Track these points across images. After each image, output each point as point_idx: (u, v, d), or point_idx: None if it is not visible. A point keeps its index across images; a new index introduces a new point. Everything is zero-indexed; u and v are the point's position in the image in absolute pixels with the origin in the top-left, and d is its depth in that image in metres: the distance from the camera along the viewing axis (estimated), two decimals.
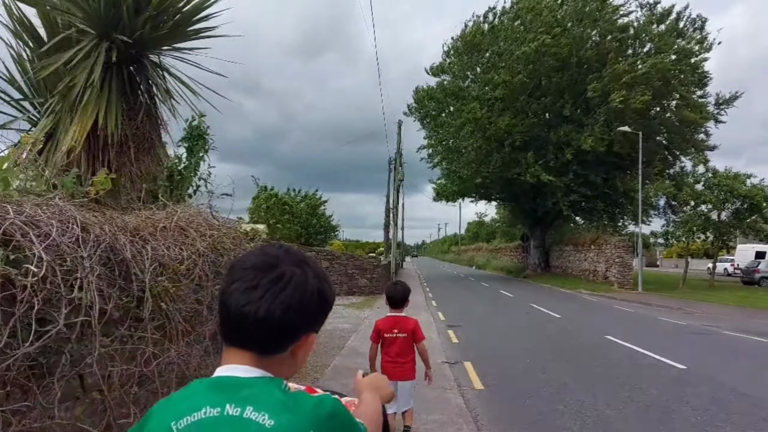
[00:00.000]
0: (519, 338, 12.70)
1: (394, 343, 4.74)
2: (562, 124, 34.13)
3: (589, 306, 21.55)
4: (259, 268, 1.09)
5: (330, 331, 12.96)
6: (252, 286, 1.07)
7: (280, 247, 1.17)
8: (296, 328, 1.10)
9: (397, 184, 32.54)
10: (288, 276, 1.08)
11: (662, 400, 7.45)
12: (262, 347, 1.09)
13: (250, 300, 1.05)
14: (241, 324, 1.06)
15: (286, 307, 1.06)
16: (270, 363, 1.09)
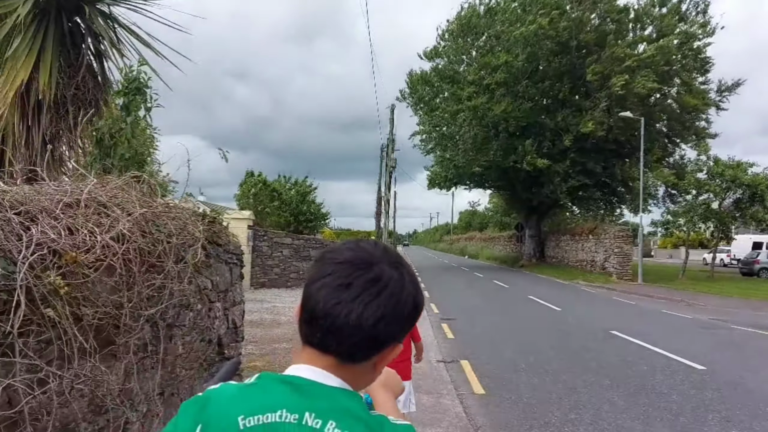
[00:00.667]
0: (518, 333, 11.81)
1: None
2: (560, 108, 33.17)
3: (589, 298, 20.73)
4: (355, 265, 0.96)
5: None
6: (345, 283, 0.94)
7: (376, 245, 1.02)
8: (386, 339, 0.97)
9: (389, 171, 31.53)
10: (386, 278, 0.96)
11: (688, 408, 6.56)
12: (345, 354, 0.95)
13: (342, 300, 0.93)
14: (326, 324, 0.93)
15: (381, 314, 0.93)
16: (350, 372, 0.97)
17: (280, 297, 17.48)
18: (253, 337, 10.37)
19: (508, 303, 17.81)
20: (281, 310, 14.32)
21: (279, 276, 20.38)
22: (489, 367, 8.45)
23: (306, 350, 0.99)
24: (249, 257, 19.20)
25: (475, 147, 35.00)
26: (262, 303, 15.65)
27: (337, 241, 24.81)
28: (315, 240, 21.78)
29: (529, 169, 32.87)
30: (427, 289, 21.86)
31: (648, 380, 7.83)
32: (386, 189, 31.88)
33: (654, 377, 8.04)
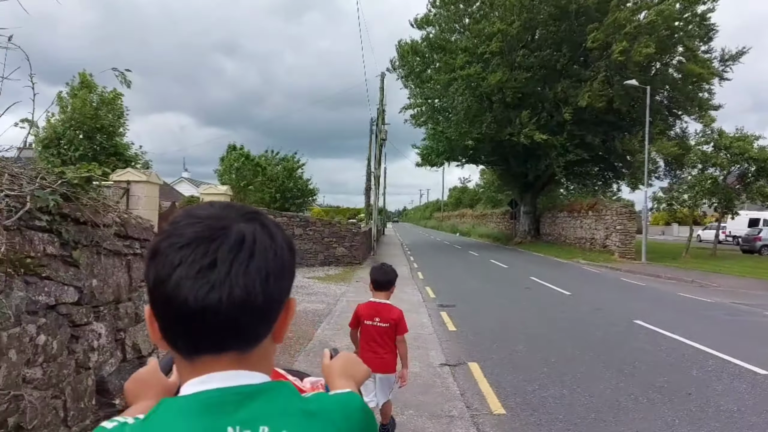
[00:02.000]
0: (529, 324, 10.28)
1: (374, 333, 4.16)
2: (559, 79, 31.44)
3: (595, 279, 19.28)
4: (206, 239, 0.76)
5: (297, 314, 10.40)
6: (207, 263, 0.74)
7: (212, 205, 0.82)
8: (279, 300, 0.80)
9: (379, 144, 29.73)
10: (250, 236, 0.77)
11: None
12: (244, 342, 0.78)
13: (214, 281, 0.74)
14: (211, 320, 0.74)
15: (265, 275, 0.77)
16: (254, 359, 0.80)
17: None
18: None
19: (511, 286, 16.31)
20: None
21: None
22: (504, 374, 6.91)
23: (197, 362, 0.77)
24: None
25: (468, 119, 33.27)
26: None
27: (323, 218, 23.16)
28: (299, 217, 20.11)
29: (525, 142, 31.25)
30: (421, 269, 20.33)
31: (704, 388, 6.34)
32: (376, 163, 30.11)
33: (710, 383, 6.54)
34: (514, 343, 8.58)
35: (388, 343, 4.17)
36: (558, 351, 8.11)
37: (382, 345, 4.14)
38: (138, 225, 3.06)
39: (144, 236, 3.06)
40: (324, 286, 15.03)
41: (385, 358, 4.15)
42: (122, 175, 12.35)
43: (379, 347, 4.13)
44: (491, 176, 61.92)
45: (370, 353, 4.12)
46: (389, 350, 4.17)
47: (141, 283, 2.95)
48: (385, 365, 4.15)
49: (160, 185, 13.27)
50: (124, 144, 23.63)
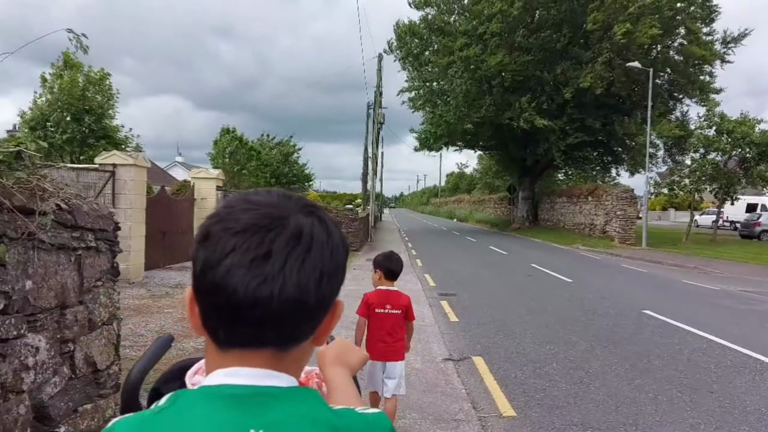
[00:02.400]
0: (534, 314, 9.87)
1: (385, 320, 4.15)
2: (559, 61, 30.82)
3: (597, 266, 18.89)
4: (263, 227, 0.71)
5: None
6: (262, 253, 0.69)
7: (270, 192, 0.77)
8: (329, 301, 0.76)
9: (376, 128, 29.14)
10: (308, 230, 0.73)
11: None
12: (285, 340, 0.73)
13: (268, 274, 0.68)
14: (257, 313, 0.69)
15: (320, 273, 0.72)
16: (290, 360, 0.75)
17: None
18: None
19: (512, 273, 15.89)
20: None
21: None
22: (511, 369, 6.49)
23: (230, 354, 0.73)
24: None
25: (467, 102, 32.66)
26: None
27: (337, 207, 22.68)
28: None
29: (525, 127, 30.71)
30: (419, 256, 19.90)
31: (730, 388, 5.93)
32: (373, 148, 29.56)
33: (734, 383, 6.13)
34: (520, 335, 8.16)
35: (398, 331, 4.17)
36: (566, 343, 7.69)
37: (392, 333, 4.14)
38: (92, 212, 2.54)
39: (101, 225, 2.55)
40: None
41: (394, 346, 4.15)
42: (107, 158, 11.82)
43: (389, 335, 4.13)
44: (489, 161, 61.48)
45: (380, 343, 4.12)
46: (399, 338, 4.18)
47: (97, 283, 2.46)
48: (396, 353, 4.17)
49: (148, 168, 12.74)
50: (114, 127, 23.02)
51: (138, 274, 12.08)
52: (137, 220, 12.03)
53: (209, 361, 0.76)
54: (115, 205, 11.68)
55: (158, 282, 12.23)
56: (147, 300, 10.17)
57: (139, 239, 12.12)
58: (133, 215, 11.78)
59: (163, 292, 10.96)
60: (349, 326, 8.17)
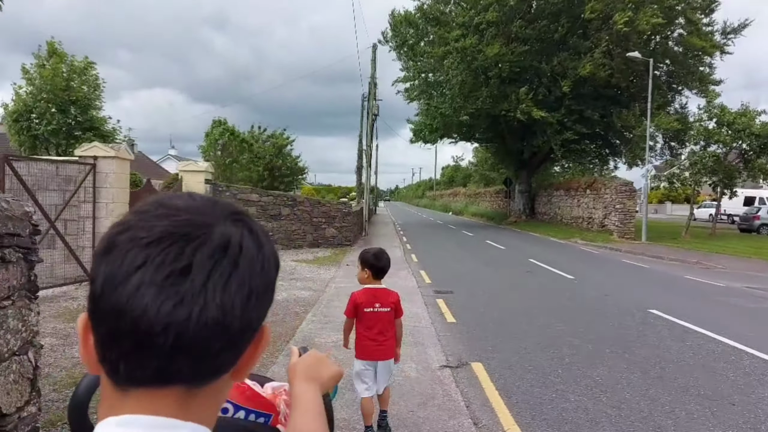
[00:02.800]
0: (534, 313, 9.39)
1: (375, 319, 4.02)
2: (556, 51, 30.28)
3: (597, 261, 18.44)
4: (181, 237, 0.59)
5: (280, 304, 9.48)
6: (179, 269, 0.57)
7: (192, 197, 0.65)
8: (255, 326, 0.64)
9: (371, 119, 28.56)
10: (236, 242, 0.61)
11: None
12: (199, 374, 0.61)
13: (185, 295, 0.57)
14: (169, 341, 0.57)
15: (248, 292, 0.61)
16: (203, 399, 0.62)
17: None
18: None
19: (510, 269, 15.41)
20: None
21: None
22: (513, 377, 6.00)
23: (129, 396, 0.60)
24: None
25: (463, 94, 32.09)
26: None
27: (311, 197, 22.15)
28: (287, 196, 19.05)
29: (522, 118, 30.19)
30: (414, 251, 19.41)
31: (753, 399, 5.46)
32: (368, 140, 28.97)
33: (757, 393, 5.66)
34: (521, 338, 7.68)
35: (389, 329, 4.09)
36: (571, 347, 7.21)
37: (383, 332, 4.05)
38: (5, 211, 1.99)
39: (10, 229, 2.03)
40: (311, 270, 14.07)
41: (385, 345, 4.07)
42: (88, 150, 11.24)
43: (379, 334, 4.04)
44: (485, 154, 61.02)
45: (369, 341, 4.05)
46: (389, 336, 4.10)
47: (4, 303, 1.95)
48: (385, 352, 4.09)
49: (133, 161, 12.16)
50: (101, 118, 22.38)
51: None
52: (120, 215, 11.46)
53: (103, 403, 0.61)
54: (96, 199, 11.14)
55: None
56: None
57: None
58: (115, 210, 11.23)
59: None
60: (340, 327, 7.72)
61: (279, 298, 10.03)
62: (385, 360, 4.12)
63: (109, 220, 11.20)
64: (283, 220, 18.44)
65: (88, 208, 11.06)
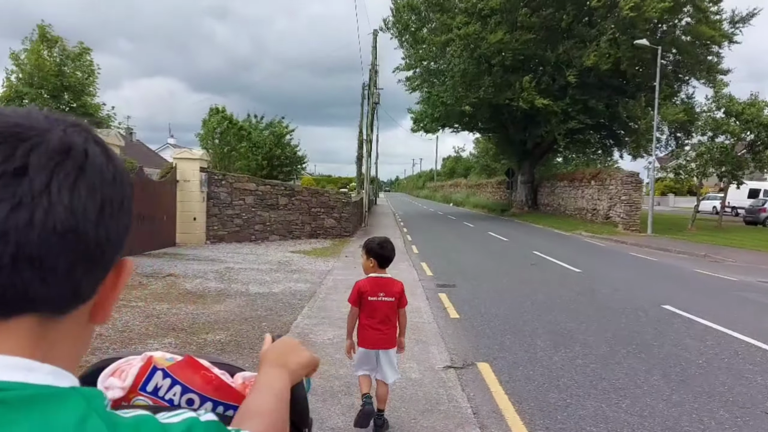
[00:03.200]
0: (543, 309, 8.92)
1: (378, 308, 4.04)
2: (562, 40, 29.67)
3: (602, 254, 17.97)
4: (10, 137, 0.51)
5: (275, 297, 9.02)
6: (12, 170, 0.50)
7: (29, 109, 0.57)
8: (115, 246, 0.56)
9: (372, 106, 28.00)
10: (80, 147, 0.54)
11: None
12: (54, 299, 0.52)
13: (22, 197, 0.49)
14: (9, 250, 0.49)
15: (100, 201, 0.54)
16: (62, 337, 0.55)
17: (238, 253, 14.41)
18: (181, 321, 7.36)
19: (514, 261, 14.94)
20: (236, 273, 11.28)
21: (240, 228, 17.24)
22: (524, 380, 5.53)
23: None
24: (203, 206, 16.00)
25: (465, 83, 31.49)
26: (213, 263, 12.57)
27: (310, 186, 21.66)
28: (285, 186, 18.56)
29: (525, 107, 29.62)
30: (415, 242, 18.93)
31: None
32: (368, 129, 28.42)
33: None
34: (530, 335, 7.21)
35: (392, 319, 4.10)
36: (584, 346, 6.75)
37: (385, 321, 4.06)
38: None
39: None
40: (309, 261, 13.60)
41: (387, 333, 4.08)
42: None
43: (382, 324, 4.05)
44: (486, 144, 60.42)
45: (372, 330, 4.05)
46: (392, 325, 4.11)
47: None
48: (388, 341, 4.10)
49: (121, 147, 11.66)
50: (95, 104, 21.85)
51: None
52: None
53: None
54: None
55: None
56: None
57: None
58: None
59: (135, 282, 9.97)
60: (337, 323, 7.26)
61: (274, 291, 9.58)
62: (387, 349, 4.10)
63: None
64: (281, 210, 17.95)
65: None
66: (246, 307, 8.24)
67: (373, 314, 4.05)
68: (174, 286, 9.72)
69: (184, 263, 12.38)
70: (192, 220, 15.82)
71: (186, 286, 9.82)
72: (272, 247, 16.11)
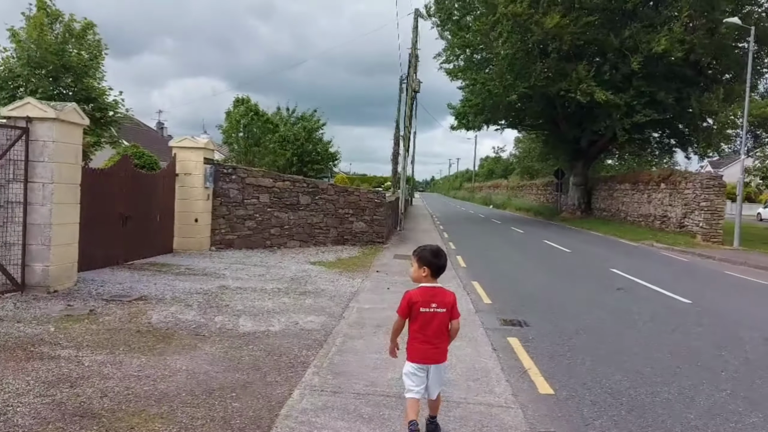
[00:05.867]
0: (672, 369, 5.82)
1: (432, 320, 3.78)
2: (627, 23, 26.13)
3: (694, 273, 14.58)
4: None
5: (270, 342, 6.21)
6: None
7: None
8: None
9: (410, 97, 24.99)
10: None
11: None
12: None
13: None
14: None
15: None
16: None
17: (244, 265, 11.64)
18: (104, 394, 4.58)
19: (591, 283, 11.76)
20: (229, 296, 8.48)
21: (253, 232, 14.50)
22: None
23: None
24: (208, 204, 13.33)
25: (514, 70, 28.14)
26: (206, 280, 9.80)
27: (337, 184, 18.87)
28: (307, 182, 15.73)
29: (583, 100, 26.15)
30: (460, 253, 15.84)
31: None
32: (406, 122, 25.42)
33: None
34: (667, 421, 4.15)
35: (444, 331, 3.81)
36: None
37: (438, 334, 3.78)
38: None
39: None
40: (330, 277, 10.71)
41: (440, 347, 3.80)
42: (17, 109, 8.12)
43: (435, 337, 3.77)
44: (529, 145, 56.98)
45: (426, 344, 3.76)
46: (444, 339, 3.83)
47: None
48: (441, 355, 3.81)
49: (84, 127, 8.97)
50: (101, 89, 19.46)
51: (65, 277, 8.41)
52: (65, 199, 8.33)
53: None
54: (30, 177, 8.00)
55: (95, 289, 8.54)
56: (51, 325, 6.48)
57: (67, 228, 8.42)
58: (57, 193, 8.08)
59: (87, 310, 7.26)
60: (356, 407, 4.47)
61: (273, 329, 6.72)
62: (440, 363, 3.79)
63: (48, 206, 8.06)
64: (301, 210, 15.16)
65: (18, 189, 7.93)
66: (220, 363, 5.40)
67: (426, 327, 3.74)
68: (136, 319, 6.96)
69: (169, 279, 9.64)
70: (193, 222, 13.14)
71: (153, 317, 7.04)
72: (288, 256, 13.31)
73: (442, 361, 3.82)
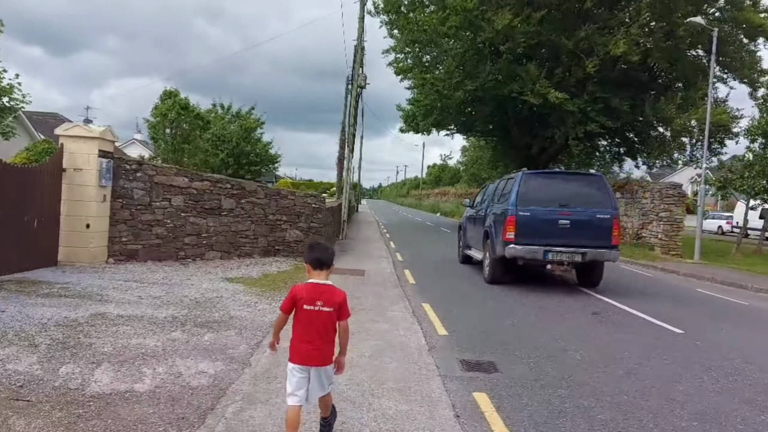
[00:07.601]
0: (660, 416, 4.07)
1: (315, 319, 3.50)
2: (581, 24, 25.10)
3: (666, 291, 13.19)
4: None
5: (128, 413, 4.09)
6: None
7: None
8: None
9: (356, 93, 23.06)
10: None
11: None
12: None
13: None
14: None
15: None
16: None
17: (141, 283, 9.36)
18: None
19: (564, 309, 10.07)
20: (98, 331, 6.27)
21: (163, 240, 12.17)
22: None
23: None
24: (104, 207, 10.97)
25: (465, 69, 26.68)
26: (78, 304, 7.51)
27: (267, 187, 16.69)
28: (231, 182, 13.51)
29: (535, 102, 24.84)
30: (408, 266, 13.96)
31: None
32: (350, 119, 23.47)
33: None
34: None
35: (329, 332, 3.55)
36: None
37: (322, 335, 3.50)
38: None
39: None
40: (247, 300, 8.58)
41: (322, 349, 3.52)
42: None
43: (319, 338, 3.49)
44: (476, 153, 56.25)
45: (307, 345, 3.50)
46: (329, 340, 3.56)
47: None
48: (323, 358, 3.54)
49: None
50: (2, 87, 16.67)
51: None
52: None
53: None
54: None
55: None
56: None
57: None
58: None
59: None
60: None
61: (138, 389, 4.61)
62: (322, 366, 3.53)
63: None
64: (224, 215, 12.95)
65: None
66: None
67: (308, 326, 3.47)
68: None
69: (26, 304, 7.30)
70: (84, 228, 10.74)
71: None
72: (203, 271, 11.08)
73: (325, 364, 3.56)
